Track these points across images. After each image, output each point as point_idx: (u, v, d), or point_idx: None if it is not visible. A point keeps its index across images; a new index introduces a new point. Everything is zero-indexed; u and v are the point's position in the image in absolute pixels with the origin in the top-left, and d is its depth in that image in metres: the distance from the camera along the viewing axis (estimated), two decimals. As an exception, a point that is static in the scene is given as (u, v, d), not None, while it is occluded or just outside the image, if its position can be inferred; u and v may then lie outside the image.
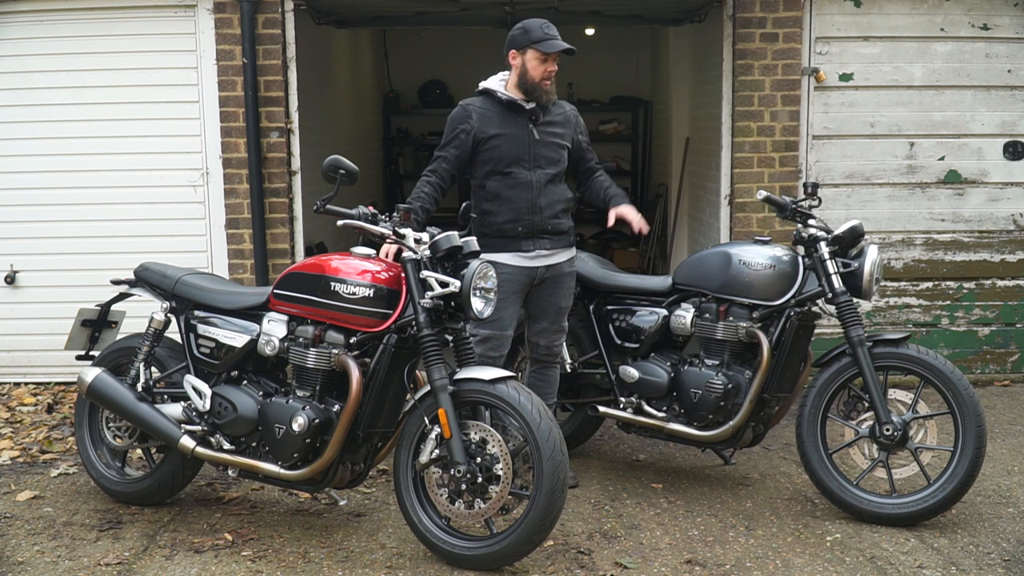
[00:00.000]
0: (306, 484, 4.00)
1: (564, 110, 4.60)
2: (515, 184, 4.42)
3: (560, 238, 4.52)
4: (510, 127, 4.42)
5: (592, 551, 3.97)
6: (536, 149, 4.44)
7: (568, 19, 8.05)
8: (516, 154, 4.41)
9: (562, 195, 4.53)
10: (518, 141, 4.41)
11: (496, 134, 4.40)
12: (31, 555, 3.97)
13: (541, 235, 4.45)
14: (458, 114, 4.44)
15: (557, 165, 4.51)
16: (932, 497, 4.10)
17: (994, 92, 6.33)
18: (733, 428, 4.43)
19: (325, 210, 3.84)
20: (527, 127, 4.43)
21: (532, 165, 4.43)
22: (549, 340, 4.61)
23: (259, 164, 6.09)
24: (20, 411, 5.93)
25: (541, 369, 4.66)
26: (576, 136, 4.61)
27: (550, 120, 4.51)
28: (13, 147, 6.30)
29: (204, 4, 6.10)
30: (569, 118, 4.60)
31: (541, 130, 4.46)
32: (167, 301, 4.37)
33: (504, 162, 4.41)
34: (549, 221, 4.46)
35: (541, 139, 4.45)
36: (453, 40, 10.82)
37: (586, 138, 4.70)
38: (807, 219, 4.41)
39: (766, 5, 6.11)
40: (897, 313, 6.49)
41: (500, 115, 4.42)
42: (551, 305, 4.56)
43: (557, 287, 4.55)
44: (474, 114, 4.41)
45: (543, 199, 4.44)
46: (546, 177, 4.46)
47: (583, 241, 11.33)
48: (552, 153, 4.49)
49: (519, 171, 4.42)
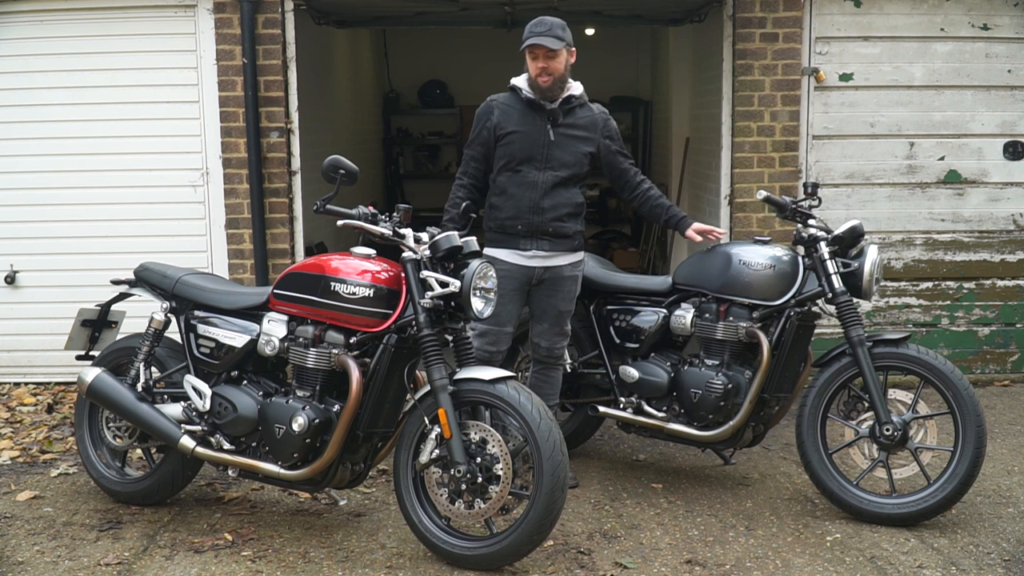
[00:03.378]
0: (306, 484, 4.00)
1: (592, 113, 4.56)
2: (522, 182, 4.42)
3: (562, 241, 4.50)
4: (527, 125, 4.42)
5: (592, 551, 3.97)
6: (550, 150, 4.43)
7: (568, 19, 7.99)
8: (529, 152, 4.41)
9: (570, 199, 4.50)
10: (532, 140, 4.41)
11: (513, 131, 4.42)
12: (31, 555, 3.97)
13: (541, 236, 4.44)
14: (482, 110, 4.51)
15: (571, 168, 4.47)
16: (932, 497, 4.10)
17: (994, 92, 6.33)
18: (733, 428, 4.43)
19: (325, 210, 3.84)
20: (544, 127, 4.42)
21: (543, 166, 4.42)
22: (550, 342, 4.61)
23: (259, 164, 6.09)
24: (20, 411, 5.92)
25: (543, 370, 4.66)
26: (602, 140, 4.57)
27: (572, 123, 4.48)
28: (13, 147, 6.30)
29: (204, 4, 6.10)
30: (596, 122, 4.56)
31: (559, 131, 4.44)
32: (167, 301, 4.37)
33: (516, 159, 4.42)
34: (551, 223, 4.44)
35: (557, 140, 4.43)
36: (453, 40, 10.82)
37: (616, 143, 4.63)
38: (807, 219, 4.42)
39: (766, 5, 6.11)
40: (897, 313, 6.49)
41: (521, 112, 4.44)
42: (550, 307, 4.56)
43: (556, 290, 4.54)
44: (496, 110, 4.46)
45: (547, 200, 4.43)
46: (555, 179, 4.43)
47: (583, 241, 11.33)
48: (567, 156, 4.46)
49: (529, 170, 4.42)
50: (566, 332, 4.65)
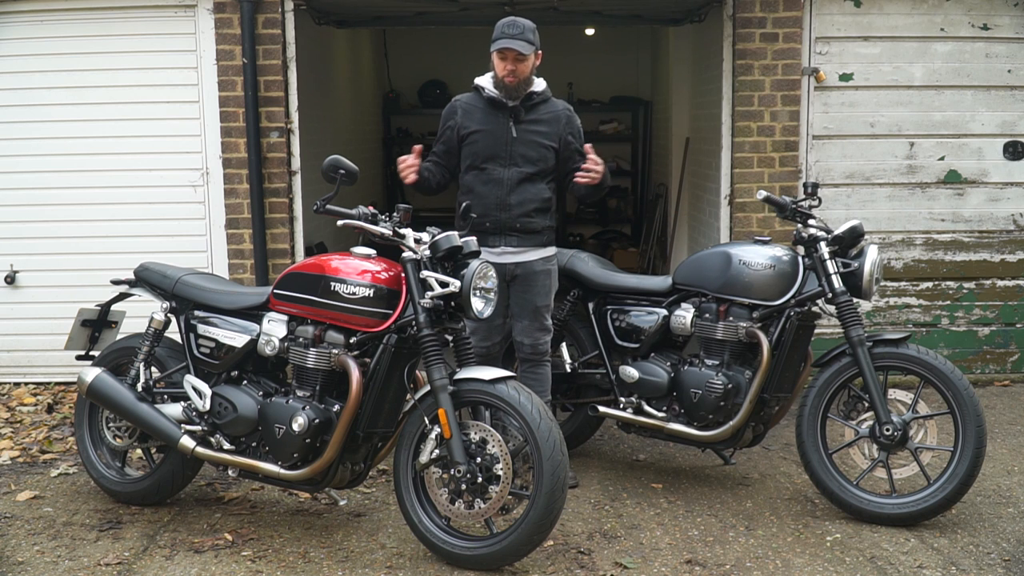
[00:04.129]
0: (306, 484, 4.00)
1: (555, 109, 4.59)
2: (488, 180, 4.48)
3: (530, 237, 4.53)
4: (490, 123, 4.48)
5: (592, 551, 3.97)
6: (513, 147, 4.48)
7: (568, 19, 8.06)
8: (493, 150, 4.48)
9: (537, 195, 4.53)
10: (496, 138, 4.47)
11: (476, 130, 4.49)
12: (31, 555, 3.97)
13: (509, 232, 4.47)
14: (447, 110, 4.60)
15: (536, 164, 4.51)
16: (932, 497, 4.10)
17: (994, 92, 6.33)
18: (733, 428, 4.43)
19: (325, 210, 3.84)
20: (507, 124, 4.48)
21: (508, 163, 4.48)
22: (533, 339, 4.61)
23: (259, 164, 6.09)
24: (20, 411, 5.93)
25: (531, 368, 4.65)
26: (565, 136, 4.58)
27: (535, 119, 4.52)
28: (13, 147, 6.31)
29: (204, 4, 6.10)
30: (559, 117, 4.58)
31: (522, 128, 4.49)
32: (167, 301, 4.38)
33: (481, 157, 4.49)
34: (518, 219, 4.48)
35: (520, 137, 4.48)
36: (453, 40, 10.81)
37: (577, 140, 4.63)
38: (807, 219, 4.42)
39: (766, 5, 6.11)
40: (897, 313, 6.49)
41: (484, 111, 4.50)
42: (527, 303, 4.56)
43: (530, 285, 4.55)
44: (459, 110, 4.54)
45: (514, 197, 4.47)
46: (520, 175, 4.48)
47: (583, 241, 11.34)
48: (531, 152, 4.50)
49: (494, 167, 4.48)
50: (547, 327, 4.65)
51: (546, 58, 4.58)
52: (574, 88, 10.95)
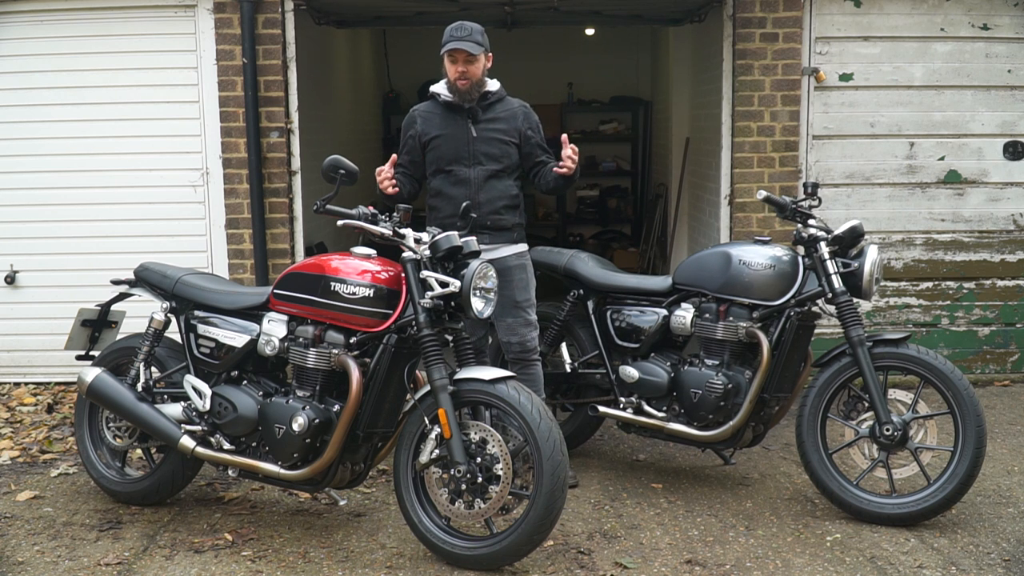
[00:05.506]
0: (306, 484, 4.00)
1: (511, 107, 4.64)
2: (456, 181, 4.53)
3: (501, 234, 4.57)
4: (450, 127, 4.54)
5: (592, 551, 3.97)
6: (475, 146, 4.53)
7: (568, 19, 8.06)
8: (455, 153, 4.53)
9: (505, 192, 4.58)
10: (457, 140, 4.53)
11: (437, 135, 4.56)
12: (31, 555, 3.97)
13: (480, 231, 4.47)
14: (406, 121, 4.69)
15: (499, 161, 4.56)
16: (932, 497, 4.10)
17: (994, 92, 6.33)
18: (733, 428, 4.43)
19: (325, 210, 3.84)
20: (466, 125, 4.53)
21: (472, 162, 4.53)
22: (520, 336, 4.61)
23: (259, 164, 6.09)
24: (20, 411, 5.93)
25: (521, 369, 4.62)
26: (524, 131, 4.62)
27: (492, 117, 4.58)
28: (13, 147, 6.31)
29: (204, 4, 6.10)
30: (516, 113, 4.63)
31: (481, 128, 4.54)
32: (167, 301, 4.38)
33: (445, 160, 4.55)
34: (488, 217, 4.52)
35: (480, 136, 4.53)
36: (453, 40, 10.80)
37: (537, 134, 4.67)
38: (807, 219, 4.41)
39: (766, 5, 6.11)
40: (897, 313, 6.49)
41: (442, 116, 4.57)
42: (506, 299, 4.55)
43: (507, 280, 4.55)
44: (418, 119, 4.62)
45: (482, 195, 4.52)
46: (486, 173, 4.53)
47: (583, 241, 11.34)
48: (493, 149, 4.55)
49: (459, 168, 4.53)
50: (532, 322, 4.65)
51: (546, 58, 4.59)
52: (574, 88, 10.95)
